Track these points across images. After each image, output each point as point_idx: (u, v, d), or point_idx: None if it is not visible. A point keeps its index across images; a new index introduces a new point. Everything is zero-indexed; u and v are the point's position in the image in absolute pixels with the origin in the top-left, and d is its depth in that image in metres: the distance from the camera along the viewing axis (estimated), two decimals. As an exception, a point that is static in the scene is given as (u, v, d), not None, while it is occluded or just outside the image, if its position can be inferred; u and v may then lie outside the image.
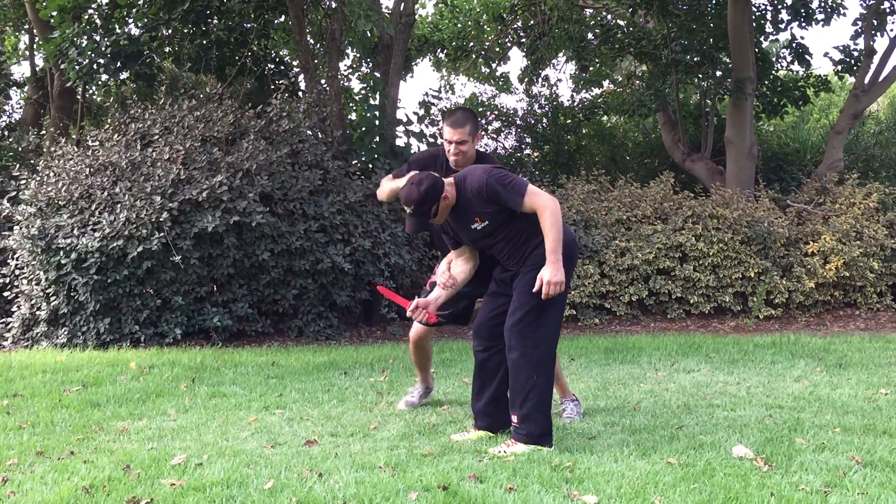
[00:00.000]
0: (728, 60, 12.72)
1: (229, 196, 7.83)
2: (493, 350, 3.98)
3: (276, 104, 9.16)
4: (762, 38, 13.84)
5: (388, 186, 4.33)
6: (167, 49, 11.41)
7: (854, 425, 4.14)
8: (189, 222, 7.81)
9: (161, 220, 7.66)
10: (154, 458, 3.56)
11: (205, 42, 11.16)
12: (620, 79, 17.12)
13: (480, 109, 15.43)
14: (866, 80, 12.04)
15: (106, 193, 8.01)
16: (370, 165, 9.95)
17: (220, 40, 11.16)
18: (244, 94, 10.55)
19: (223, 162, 8.09)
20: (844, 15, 14.02)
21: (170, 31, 10.91)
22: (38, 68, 13.29)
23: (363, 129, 10.61)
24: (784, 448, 3.68)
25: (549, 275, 3.64)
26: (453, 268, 4.14)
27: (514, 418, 3.77)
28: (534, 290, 3.69)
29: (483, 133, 15.23)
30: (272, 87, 11.92)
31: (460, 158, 4.26)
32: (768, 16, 13.50)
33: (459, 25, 16.86)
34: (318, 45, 13.42)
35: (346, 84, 15.74)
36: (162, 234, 7.65)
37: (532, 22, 14.33)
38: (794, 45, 13.75)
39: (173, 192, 7.86)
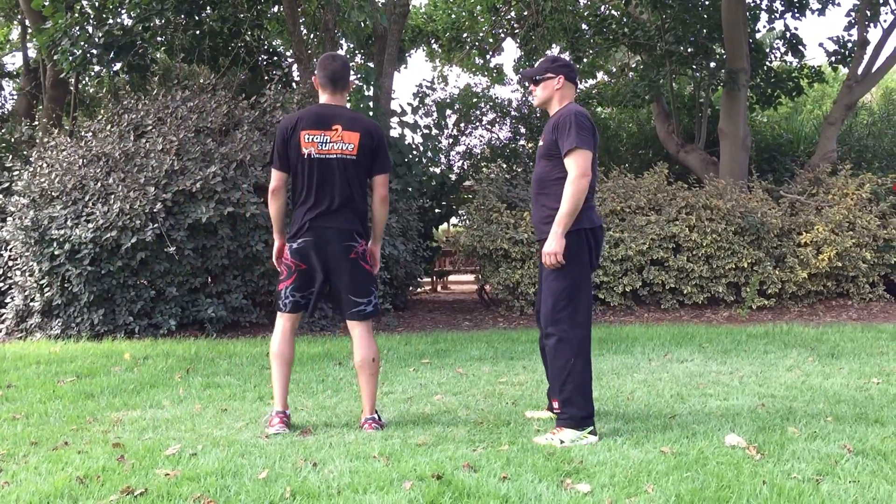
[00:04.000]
0: (722, 51, 12.74)
1: (223, 187, 7.82)
2: (545, 336, 4.00)
3: (269, 95, 9.14)
4: (756, 29, 13.84)
5: None
6: (160, 39, 11.38)
7: (846, 414, 4.16)
8: (183, 213, 7.79)
9: (155, 210, 7.64)
10: (148, 449, 3.56)
11: (198, 32, 11.14)
12: (614, 70, 17.11)
13: (474, 100, 15.41)
14: (860, 71, 12.06)
15: (99, 184, 7.99)
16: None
17: (213, 31, 11.13)
18: (238, 84, 10.53)
19: (217, 153, 8.07)
20: (839, 5, 14.10)
21: (162, 22, 10.87)
22: (30, 59, 13.23)
23: (357, 119, 10.60)
24: (776, 437, 3.69)
25: (546, 245, 3.71)
26: None
27: (556, 404, 3.80)
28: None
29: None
30: (266, 77, 11.91)
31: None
32: (763, 6, 13.51)
33: (453, 16, 16.85)
34: (312, 36, 13.38)
35: (340, 75, 15.65)
36: (156, 224, 7.64)
37: (526, 12, 14.33)
38: (788, 35, 13.77)
39: (167, 183, 7.84)
